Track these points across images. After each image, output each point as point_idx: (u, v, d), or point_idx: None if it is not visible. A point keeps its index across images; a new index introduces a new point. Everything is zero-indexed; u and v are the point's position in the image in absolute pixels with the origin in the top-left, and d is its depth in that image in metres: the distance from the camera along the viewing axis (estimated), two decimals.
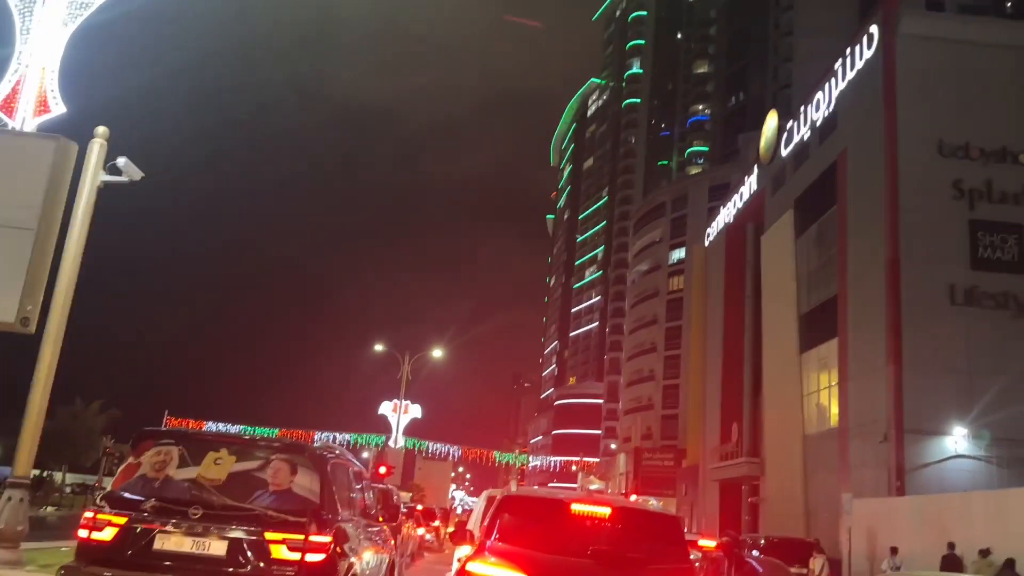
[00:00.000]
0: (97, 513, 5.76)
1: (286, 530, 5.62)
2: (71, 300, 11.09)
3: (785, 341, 35.42)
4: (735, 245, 45.83)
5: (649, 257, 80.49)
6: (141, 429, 6.35)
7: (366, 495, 8.28)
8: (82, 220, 10.94)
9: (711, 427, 47.42)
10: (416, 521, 21.90)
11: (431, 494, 70.19)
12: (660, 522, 6.34)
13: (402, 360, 39.16)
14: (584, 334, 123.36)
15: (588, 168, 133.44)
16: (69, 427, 54.34)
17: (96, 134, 11.27)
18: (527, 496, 6.99)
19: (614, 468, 79.34)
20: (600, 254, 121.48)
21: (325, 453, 6.61)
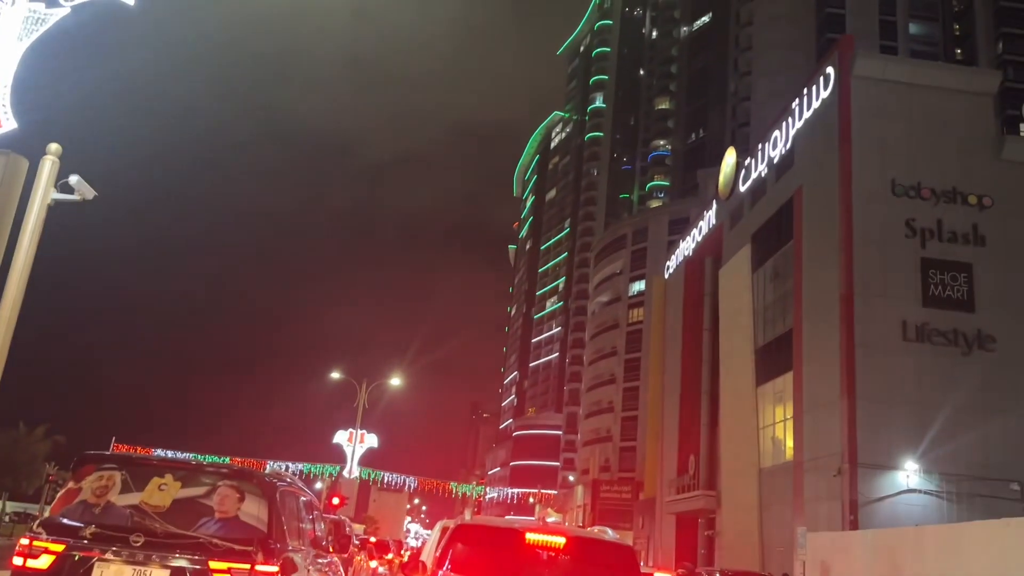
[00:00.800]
0: (33, 540, 5.52)
1: (232, 559, 5.43)
2: (15, 320, 10.75)
3: (742, 374, 35.76)
4: (694, 278, 46.35)
5: (609, 288, 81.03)
6: (82, 453, 6.12)
7: (317, 525, 8.08)
8: (30, 238, 10.64)
9: (668, 459, 47.50)
10: (369, 553, 21.51)
11: (385, 526, 69.10)
12: (614, 552, 6.30)
13: (359, 388, 38.68)
14: (544, 364, 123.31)
15: (551, 199, 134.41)
16: (10, 453, 52.46)
17: (48, 151, 11.01)
18: (480, 525, 6.89)
19: (572, 500, 78.99)
20: (561, 285, 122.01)
21: (275, 480, 6.43)
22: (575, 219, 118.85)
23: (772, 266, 34.29)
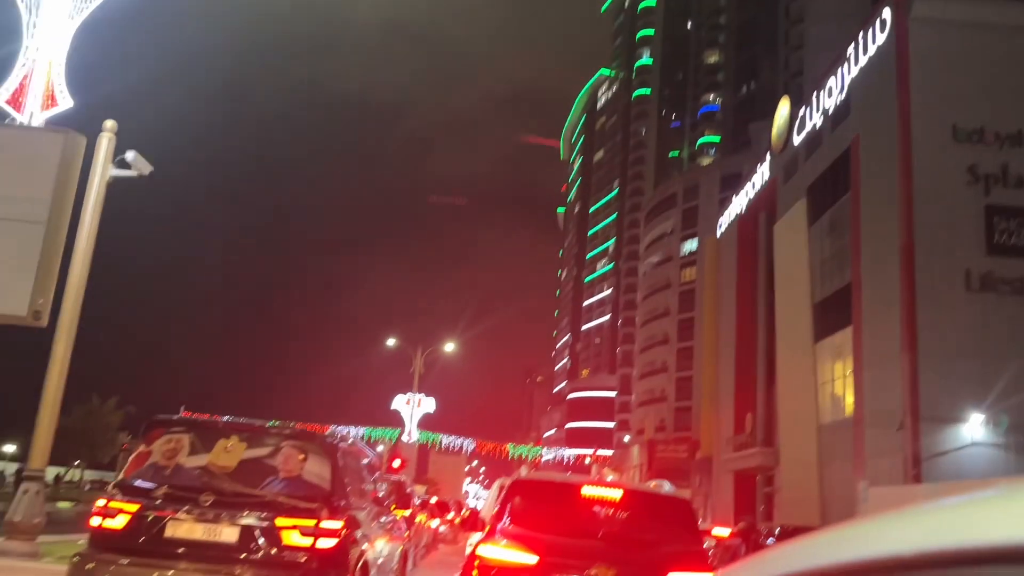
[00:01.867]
0: (109, 501, 5.77)
1: (297, 516, 5.60)
2: (83, 294, 11.13)
3: (799, 330, 35.21)
4: (747, 235, 45.57)
5: (660, 249, 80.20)
6: (152, 418, 6.34)
7: (379, 486, 8.27)
8: (92, 214, 10.96)
9: (725, 418, 47.24)
10: (430, 513, 21.94)
11: (445, 488, 70.31)
12: (671, 505, 6.32)
13: (415, 354, 39.22)
14: (596, 327, 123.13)
15: (598, 160, 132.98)
16: (86, 424, 54.75)
17: (104, 128, 11.28)
18: (538, 480, 6.98)
19: (628, 460, 79.29)
20: (611, 247, 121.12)
21: (336, 441, 6.59)
22: (624, 179, 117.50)
23: (829, 219, 33.50)
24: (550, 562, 5.45)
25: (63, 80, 10.16)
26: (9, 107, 9.90)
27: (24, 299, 9.09)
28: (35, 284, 9.15)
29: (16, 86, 9.96)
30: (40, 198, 9.23)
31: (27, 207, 9.21)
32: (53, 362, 10.89)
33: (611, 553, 5.47)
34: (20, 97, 9.92)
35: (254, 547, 5.54)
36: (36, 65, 10.04)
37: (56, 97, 10.05)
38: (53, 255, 9.45)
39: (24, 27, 10.16)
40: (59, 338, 10.78)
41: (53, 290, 9.60)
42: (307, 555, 5.54)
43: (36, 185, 9.27)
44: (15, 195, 9.22)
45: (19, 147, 9.55)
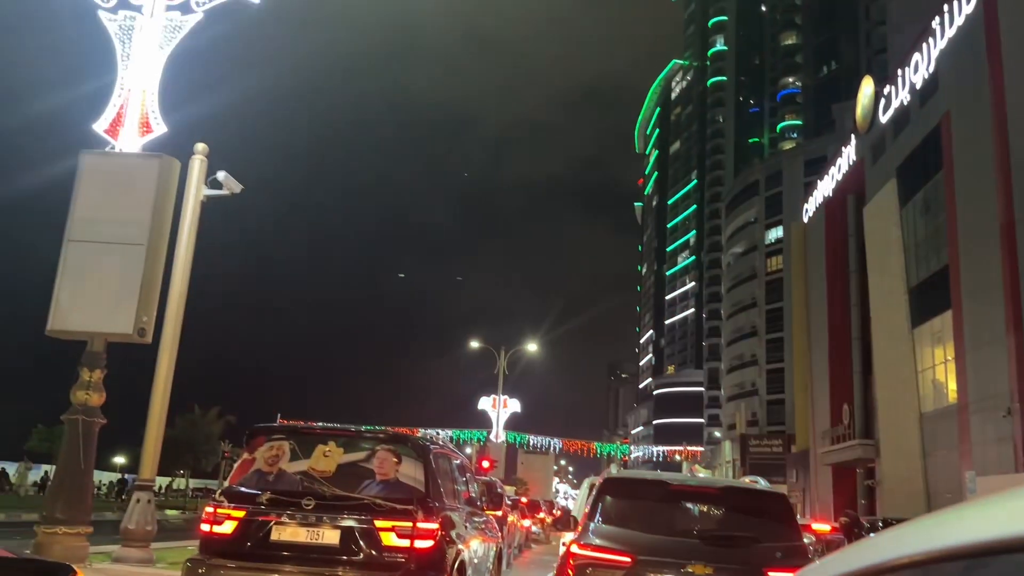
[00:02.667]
0: (217, 508, 6.03)
1: (394, 518, 5.74)
2: (183, 310, 11.67)
3: (895, 316, 33.92)
4: (835, 219, 44.13)
5: (744, 238, 78.48)
6: (253, 426, 6.60)
7: (471, 486, 8.38)
8: (188, 234, 11.48)
9: (820, 410, 45.86)
10: (521, 513, 22.05)
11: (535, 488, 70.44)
12: (766, 500, 6.17)
13: (498, 355, 39.51)
14: (680, 321, 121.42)
15: (675, 152, 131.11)
16: (189, 434, 57.12)
17: (196, 151, 11.81)
18: (628, 478, 6.93)
19: (720, 456, 77.86)
20: (692, 239, 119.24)
21: (428, 443, 6.72)
22: (702, 169, 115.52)
23: (922, 199, 32.14)
24: (645, 560, 5.42)
25: (156, 107, 10.66)
26: (108, 136, 10.45)
27: (130, 318, 9.58)
28: (139, 303, 9.63)
29: (113, 115, 10.50)
30: (140, 221, 9.72)
31: (129, 230, 9.71)
32: (158, 376, 11.45)
33: (707, 551, 5.39)
34: (117, 126, 10.46)
35: (355, 549, 5.71)
36: (131, 94, 10.57)
37: (150, 124, 10.55)
38: (154, 275, 9.93)
39: (118, 59, 10.72)
40: (162, 353, 11.34)
41: (156, 308, 10.09)
42: (406, 556, 5.68)
43: (136, 209, 9.77)
44: (118, 219, 9.73)
45: (119, 173, 10.08)
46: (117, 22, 10.83)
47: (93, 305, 9.63)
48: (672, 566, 5.35)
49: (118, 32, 10.87)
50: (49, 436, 53.91)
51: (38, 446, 56.04)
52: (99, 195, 9.87)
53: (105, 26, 10.85)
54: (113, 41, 10.74)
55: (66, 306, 9.63)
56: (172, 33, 10.83)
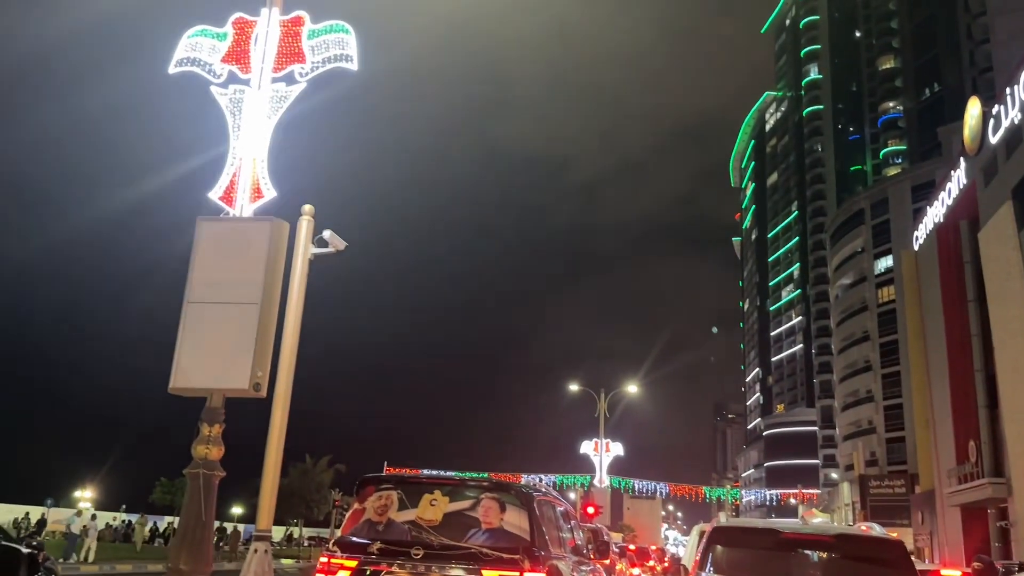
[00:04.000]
0: (331, 558, 6.20)
1: (501, 567, 5.77)
2: (294, 366, 12.15)
3: (1020, 345, 31.89)
4: (949, 246, 42.10)
5: (851, 269, 75.62)
6: (362, 476, 6.80)
7: (576, 534, 8.32)
8: (298, 291, 12.00)
9: (944, 447, 43.27)
10: (630, 561, 21.61)
11: (642, 534, 68.95)
12: (882, 547, 5.92)
13: (598, 397, 39.17)
14: (787, 357, 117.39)
15: (772, 184, 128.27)
16: (301, 483, 58.74)
17: (303, 212, 12.38)
18: (738, 527, 6.77)
19: (838, 498, 74.18)
20: (796, 272, 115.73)
21: (532, 491, 6.75)
22: (802, 200, 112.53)
23: None
24: None
25: (266, 173, 11.29)
26: (222, 203, 11.12)
27: (245, 373, 10.05)
28: (254, 359, 10.10)
29: (227, 183, 11.18)
30: (254, 281, 10.24)
31: (243, 290, 10.25)
32: (272, 428, 11.91)
33: None
34: (231, 192, 11.13)
35: None
36: (242, 163, 11.24)
37: (261, 189, 11.17)
38: (268, 331, 10.42)
39: (230, 130, 11.45)
40: (276, 407, 11.80)
41: (269, 362, 10.56)
42: None
43: (250, 269, 10.31)
44: (233, 280, 10.29)
45: (234, 238, 10.69)
46: (228, 96, 11.59)
47: (211, 363, 10.16)
48: None
49: (228, 105, 11.62)
50: (171, 489, 56.49)
51: (161, 498, 58.76)
52: (215, 258, 10.47)
53: (217, 100, 11.63)
54: (225, 114, 11.49)
55: (187, 364, 10.19)
56: (278, 103, 11.49)
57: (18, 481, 59.36)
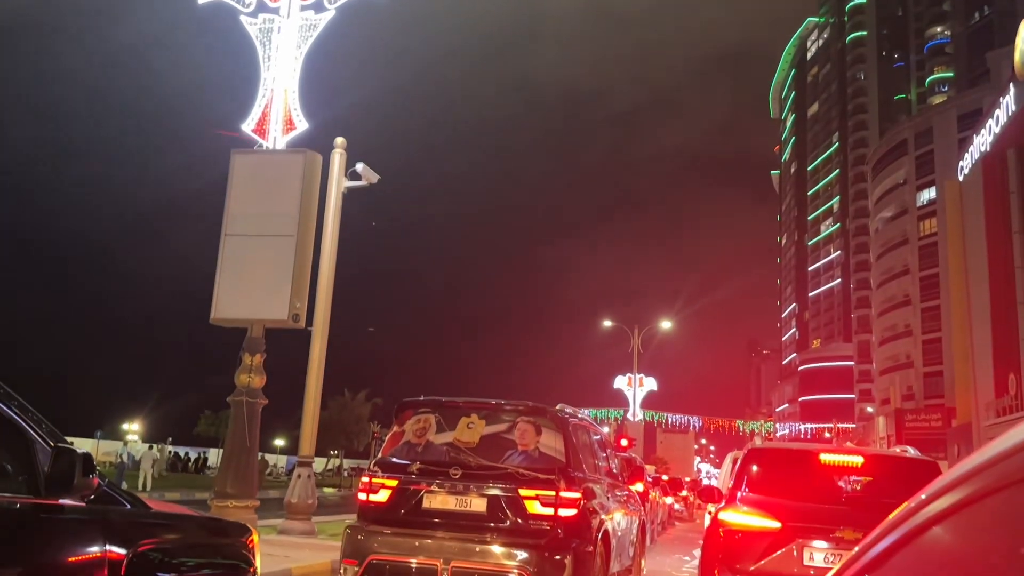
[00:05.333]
0: (372, 477, 6.38)
1: (538, 487, 5.89)
2: (332, 297, 12.33)
3: None
4: (995, 175, 40.94)
5: (893, 202, 73.96)
6: (401, 400, 6.92)
7: (611, 461, 8.44)
8: (333, 223, 12.10)
9: (983, 381, 42.87)
10: (663, 491, 21.90)
11: (675, 466, 69.67)
12: (916, 468, 5.95)
13: (632, 333, 39.25)
14: (825, 293, 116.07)
15: (813, 114, 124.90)
16: (341, 416, 60.22)
17: (335, 145, 12.40)
18: (774, 448, 6.83)
19: (873, 433, 74.18)
20: (835, 205, 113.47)
21: (567, 415, 6.83)
22: (844, 131, 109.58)
23: None
24: (793, 527, 5.36)
25: (298, 105, 11.28)
26: (255, 135, 11.16)
27: (284, 304, 10.23)
28: (292, 290, 10.27)
29: (260, 115, 11.20)
30: (289, 213, 10.33)
31: (279, 222, 10.35)
32: (312, 359, 12.17)
33: (857, 516, 5.30)
34: (264, 125, 11.15)
35: (501, 516, 5.91)
36: (274, 95, 11.23)
37: (294, 121, 11.18)
38: (304, 263, 10.55)
39: (260, 61, 11.41)
40: (315, 337, 12.03)
41: (307, 295, 10.72)
42: (551, 523, 5.82)
43: (285, 202, 10.40)
44: (269, 212, 10.40)
45: (268, 170, 10.76)
46: (257, 25, 11.52)
47: (251, 294, 10.35)
48: (821, 531, 5.29)
49: (258, 35, 11.56)
50: (215, 421, 58.23)
51: (205, 430, 60.65)
52: (250, 191, 10.57)
53: (247, 30, 11.56)
54: (255, 44, 11.43)
55: (226, 296, 10.39)
56: (308, 32, 11.40)
57: (67, 414, 61.64)
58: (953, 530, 0.95)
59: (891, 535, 1.07)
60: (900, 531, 1.05)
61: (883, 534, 1.09)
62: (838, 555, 5.24)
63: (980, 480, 0.88)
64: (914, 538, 1.01)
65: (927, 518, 0.98)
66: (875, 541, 1.11)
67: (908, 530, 1.03)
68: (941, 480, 0.98)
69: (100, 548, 2.71)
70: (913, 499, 1.03)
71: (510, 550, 5.74)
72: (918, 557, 1.02)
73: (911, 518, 1.03)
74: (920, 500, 1.02)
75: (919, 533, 1.00)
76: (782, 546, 5.33)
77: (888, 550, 1.07)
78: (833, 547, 5.24)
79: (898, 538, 1.05)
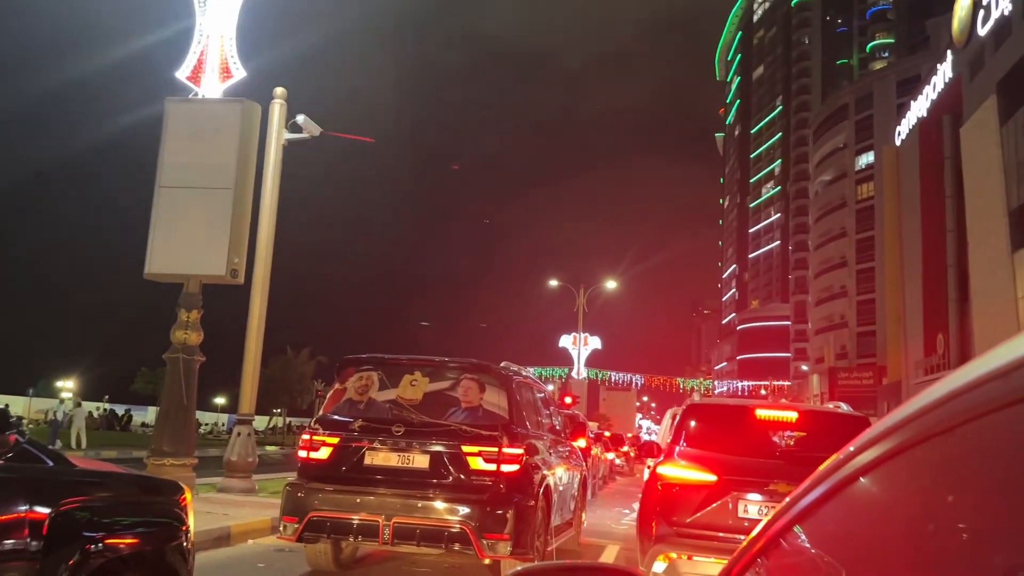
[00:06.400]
0: (313, 435, 6.30)
1: (481, 443, 5.90)
2: (272, 252, 12.05)
3: (994, 240, 32.32)
4: (931, 141, 41.98)
5: (833, 165, 75.49)
6: (343, 358, 6.82)
7: (554, 419, 8.50)
8: (273, 177, 11.78)
9: (913, 340, 44.47)
10: (605, 446, 22.30)
11: (617, 423, 70.91)
12: (849, 423, 6.16)
13: (577, 292, 39.54)
14: (765, 254, 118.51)
15: (758, 77, 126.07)
16: (283, 374, 59.55)
17: (275, 95, 12.02)
18: (712, 404, 6.95)
19: (807, 390, 76.58)
20: (777, 168, 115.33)
21: (511, 372, 6.83)
22: (788, 95, 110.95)
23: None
24: (729, 480, 5.49)
25: (235, 52, 10.86)
26: (190, 82, 10.73)
27: (222, 259, 9.96)
28: (230, 245, 9.99)
29: (194, 62, 10.76)
30: (226, 165, 10.01)
31: (215, 174, 10.02)
32: (251, 316, 11.92)
33: (790, 469, 5.45)
34: (199, 72, 10.72)
35: (444, 472, 5.91)
36: (210, 41, 10.79)
37: (230, 69, 10.77)
38: (243, 217, 10.26)
39: (196, 5, 10.92)
40: (255, 294, 11.78)
41: (246, 250, 10.44)
42: (492, 479, 5.84)
43: (222, 153, 10.05)
44: (205, 164, 10.04)
45: (203, 119, 10.36)
46: None
47: (186, 248, 10.04)
48: (755, 484, 5.44)
49: None
50: (152, 378, 57.02)
51: (143, 388, 59.40)
52: (186, 141, 10.19)
53: None
54: None
55: (161, 250, 10.07)
56: None
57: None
58: (878, 481, 0.99)
59: (820, 487, 1.09)
60: (829, 483, 1.07)
61: (812, 486, 1.11)
62: (771, 507, 5.39)
63: (903, 434, 0.90)
64: (842, 489, 1.04)
65: (854, 470, 1.01)
66: (804, 492, 1.13)
67: (836, 482, 1.06)
68: (867, 433, 1.01)
69: (19, 508, 2.60)
70: (842, 451, 1.05)
71: (452, 505, 5.75)
72: (845, 507, 1.06)
73: (839, 470, 1.05)
74: (848, 452, 1.04)
75: (846, 484, 1.03)
76: (717, 499, 5.45)
77: (817, 501, 1.10)
78: (767, 500, 5.39)
79: (827, 489, 1.07)
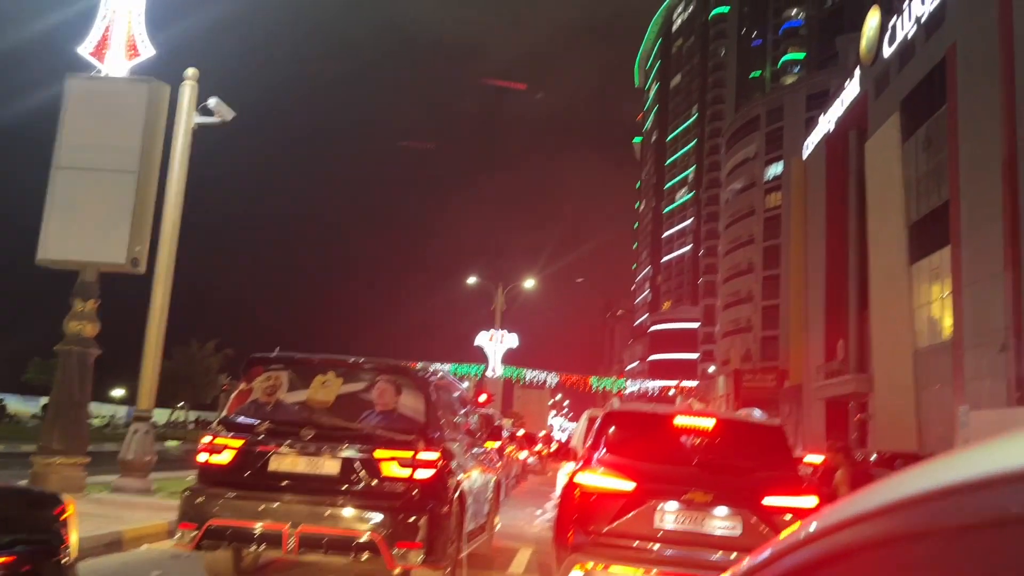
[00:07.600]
0: (215, 438, 5.96)
1: (395, 448, 5.69)
2: (177, 241, 11.47)
3: (893, 252, 33.85)
4: (837, 155, 43.69)
5: (743, 174, 77.82)
6: (250, 356, 6.49)
7: (470, 419, 8.36)
8: (180, 161, 11.21)
9: (815, 345, 46.22)
10: (519, 446, 22.32)
11: (531, 421, 71.32)
12: (763, 432, 6.34)
13: (496, 291, 39.51)
14: (677, 258, 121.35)
15: (676, 86, 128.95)
16: (188, 367, 57.54)
17: (186, 76, 11.44)
18: (631, 411, 6.95)
19: (713, 391, 78.79)
20: (691, 175, 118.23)
21: (428, 374, 6.65)
22: (703, 104, 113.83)
23: (924, 134, 31.72)
24: (647, 488, 5.49)
25: (143, 29, 10.28)
26: (93, 59, 10.10)
27: (122, 247, 9.41)
28: (131, 232, 9.45)
29: (99, 38, 10.13)
30: (130, 147, 9.46)
31: (118, 157, 9.46)
32: (153, 307, 11.32)
33: (707, 478, 5.53)
34: (103, 49, 10.10)
35: (355, 478, 5.67)
36: (116, 16, 10.18)
37: (138, 47, 10.18)
38: (147, 203, 9.73)
39: None
40: (157, 284, 11.19)
41: (149, 238, 9.90)
42: (406, 485, 5.65)
43: (126, 135, 9.50)
44: (107, 145, 9.46)
45: (106, 98, 9.77)
46: None
47: (84, 234, 9.45)
48: (673, 492, 5.46)
49: None
50: (46, 368, 54.19)
51: (35, 378, 56.44)
52: (87, 121, 9.58)
53: None
54: None
55: (56, 235, 9.45)
56: None
57: None
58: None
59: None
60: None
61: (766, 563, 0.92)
62: (688, 516, 5.41)
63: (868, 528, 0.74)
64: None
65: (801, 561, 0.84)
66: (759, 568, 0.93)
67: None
68: (829, 516, 0.83)
69: None
70: (795, 533, 0.87)
71: (363, 513, 5.51)
72: None
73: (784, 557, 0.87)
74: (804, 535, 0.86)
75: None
76: (635, 507, 5.43)
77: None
78: (684, 508, 5.40)
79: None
